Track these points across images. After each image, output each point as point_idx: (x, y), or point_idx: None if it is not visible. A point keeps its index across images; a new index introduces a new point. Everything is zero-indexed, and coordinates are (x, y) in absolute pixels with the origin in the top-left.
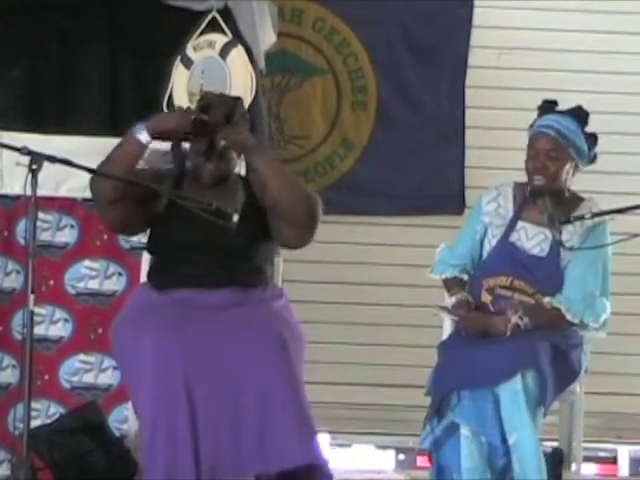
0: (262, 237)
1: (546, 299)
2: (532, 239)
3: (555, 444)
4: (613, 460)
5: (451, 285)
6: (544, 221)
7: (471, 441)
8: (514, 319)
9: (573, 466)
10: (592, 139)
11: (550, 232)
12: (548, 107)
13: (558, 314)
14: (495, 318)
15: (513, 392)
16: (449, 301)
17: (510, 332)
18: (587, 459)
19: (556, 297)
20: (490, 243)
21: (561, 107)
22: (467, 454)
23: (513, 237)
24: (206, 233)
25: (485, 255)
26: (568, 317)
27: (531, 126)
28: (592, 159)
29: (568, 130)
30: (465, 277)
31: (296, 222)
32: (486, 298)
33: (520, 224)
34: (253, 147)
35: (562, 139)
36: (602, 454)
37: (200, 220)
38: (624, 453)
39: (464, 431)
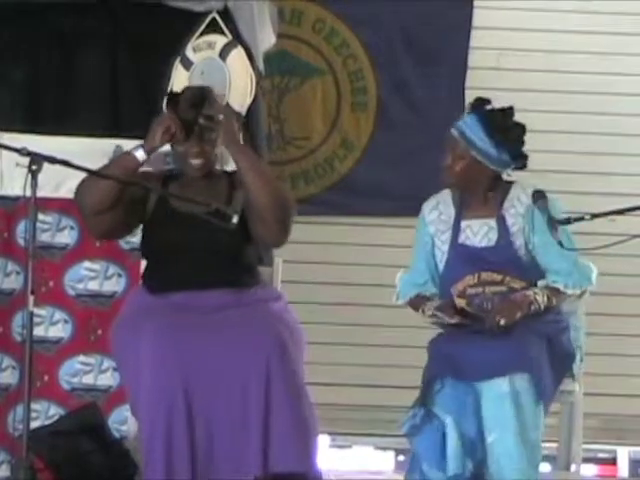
0: (249, 235)
1: (539, 282)
2: (478, 234)
3: (554, 445)
4: (612, 461)
5: (417, 302)
6: (484, 212)
7: (453, 428)
8: (530, 292)
9: (573, 467)
10: (507, 145)
11: (495, 222)
12: (475, 106)
13: (558, 293)
14: (515, 295)
15: (498, 394)
16: (432, 304)
17: (529, 299)
18: (587, 460)
19: (547, 277)
20: (440, 250)
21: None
22: (450, 441)
23: (461, 238)
24: (194, 234)
25: (440, 265)
26: (569, 292)
27: None
28: (509, 164)
29: (470, 131)
30: (427, 294)
31: (267, 223)
32: (461, 303)
33: (464, 224)
34: (237, 140)
35: (463, 139)
36: (601, 455)
37: (188, 221)
38: (623, 454)
39: (449, 419)
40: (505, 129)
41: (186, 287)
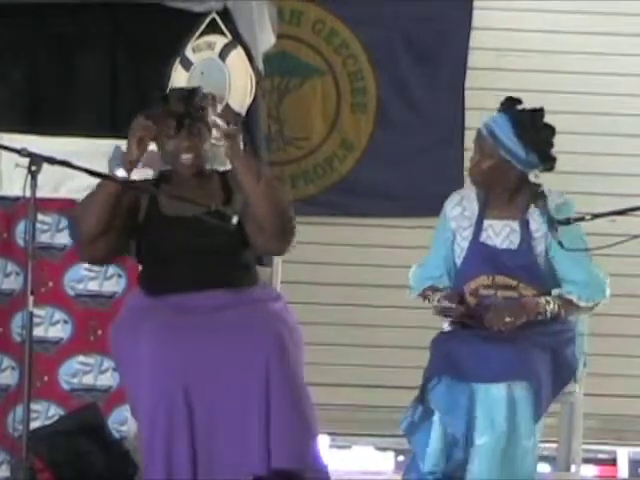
0: (245, 235)
1: (553, 292)
2: (500, 234)
3: (554, 445)
4: (612, 462)
5: (428, 292)
6: (508, 214)
7: (438, 426)
8: (542, 300)
9: (572, 468)
10: (532, 146)
11: (518, 225)
12: (506, 105)
13: (570, 305)
14: (527, 299)
15: (495, 398)
16: (439, 294)
17: (539, 308)
18: (586, 461)
19: (563, 287)
20: (460, 246)
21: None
22: (434, 437)
23: (482, 237)
24: (190, 236)
25: (458, 260)
26: (582, 304)
27: None
28: (536, 166)
29: (500, 130)
30: (440, 287)
31: (266, 231)
32: (471, 302)
33: (486, 223)
34: (242, 154)
35: (492, 138)
36: (601, 456)
37: (182, 224)
38: (623, 455)
39: (436, 415)
40: (534, 130)
41: (185, 289)
